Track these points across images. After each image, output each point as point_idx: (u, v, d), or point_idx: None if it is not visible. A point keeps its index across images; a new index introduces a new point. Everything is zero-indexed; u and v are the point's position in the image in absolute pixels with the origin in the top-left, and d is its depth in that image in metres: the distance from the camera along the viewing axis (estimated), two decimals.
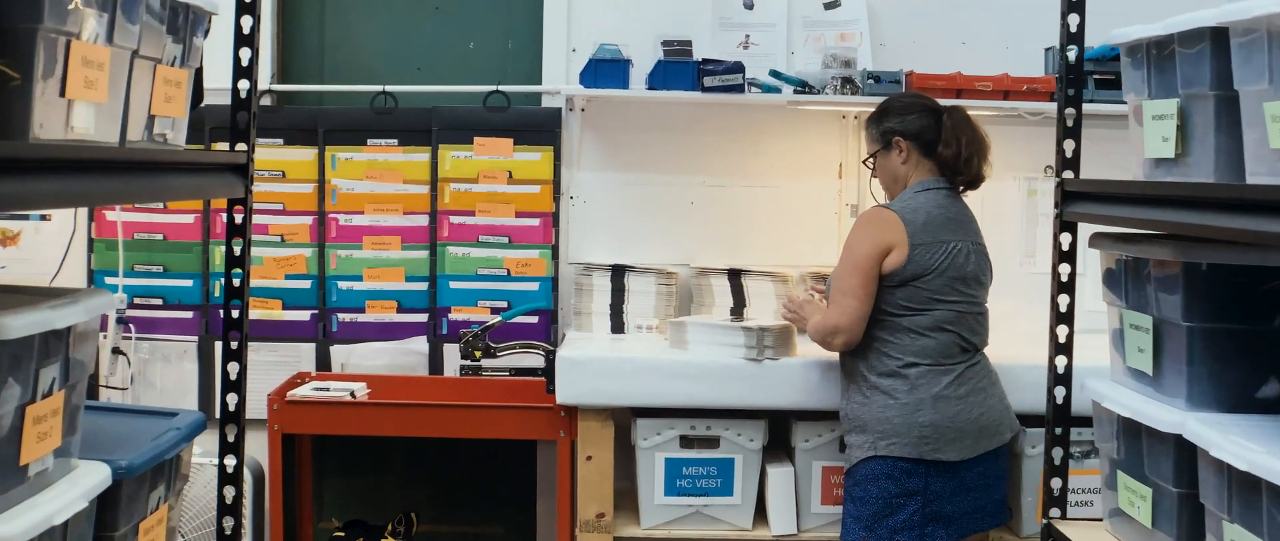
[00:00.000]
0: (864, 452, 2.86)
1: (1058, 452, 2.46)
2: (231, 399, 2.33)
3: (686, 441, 3.19)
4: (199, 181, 2.15)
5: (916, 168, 2.92)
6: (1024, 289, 3.63)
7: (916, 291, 2.82)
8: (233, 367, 2.33)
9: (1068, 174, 2.44)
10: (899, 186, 2.94)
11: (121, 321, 3.66)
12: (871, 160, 2.98)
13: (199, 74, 2.08)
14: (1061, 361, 2.46)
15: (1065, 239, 2.43)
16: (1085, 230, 2.39)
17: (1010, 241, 3.78)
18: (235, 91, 2.31)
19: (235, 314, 2.33)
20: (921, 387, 2.82)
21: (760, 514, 3.27)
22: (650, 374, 3.14)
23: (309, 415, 3.36)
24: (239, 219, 2.30)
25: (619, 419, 3.23)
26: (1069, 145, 2.43)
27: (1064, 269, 2.44)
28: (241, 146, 2.28)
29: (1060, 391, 2.45)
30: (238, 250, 2.31)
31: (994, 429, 2.87)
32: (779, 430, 3.33)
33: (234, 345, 2.33)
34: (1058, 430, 2.46)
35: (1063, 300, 2.45)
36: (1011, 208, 3.85)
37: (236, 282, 2.32)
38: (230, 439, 2.32)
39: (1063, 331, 2.45)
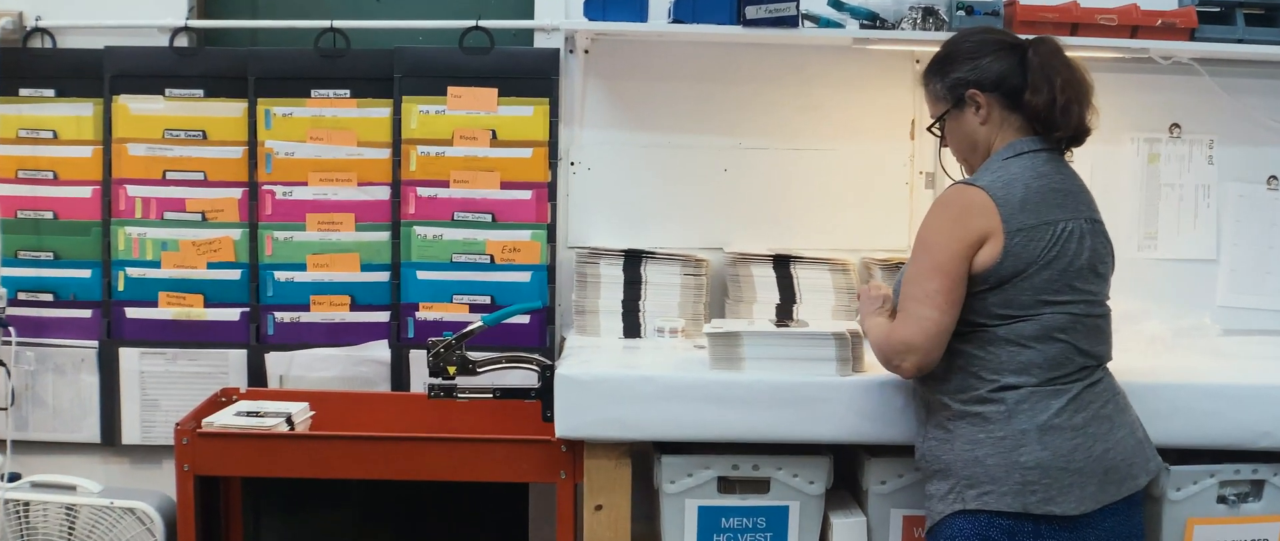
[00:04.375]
0: (948, 506, 2.55)
1: None
2: None
3: (726, 484, 2.91)
4: None
5: (1001, 127, 2.62)
6: (1145, 281, 3.55)
7: (1017, 292, 2.51)
8: None
9: None
10: (980, 155, 2.66)
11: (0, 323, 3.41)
12: (939, 124, 2.69)
13: None
14: None
15: None
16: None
17: (1126, 220, 3.58)
18: None
19: None
20: (1023, 416, 2.49)
21: None
22: (678, 397, 2.82)
23: (228, 452, 2.95)
24: None
25: (638, 455, 2.95)
26: None
27: None
28: None
29: None
30: None
31: (1124, 469, 2.54)
32: (846, 468, 3.05)
33: None
34: None
35: None
36: (1128, 176, 3.61)
37: None
38: None
39: None
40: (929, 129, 2.73)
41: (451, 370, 3.01)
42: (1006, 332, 2.53)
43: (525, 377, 3.13)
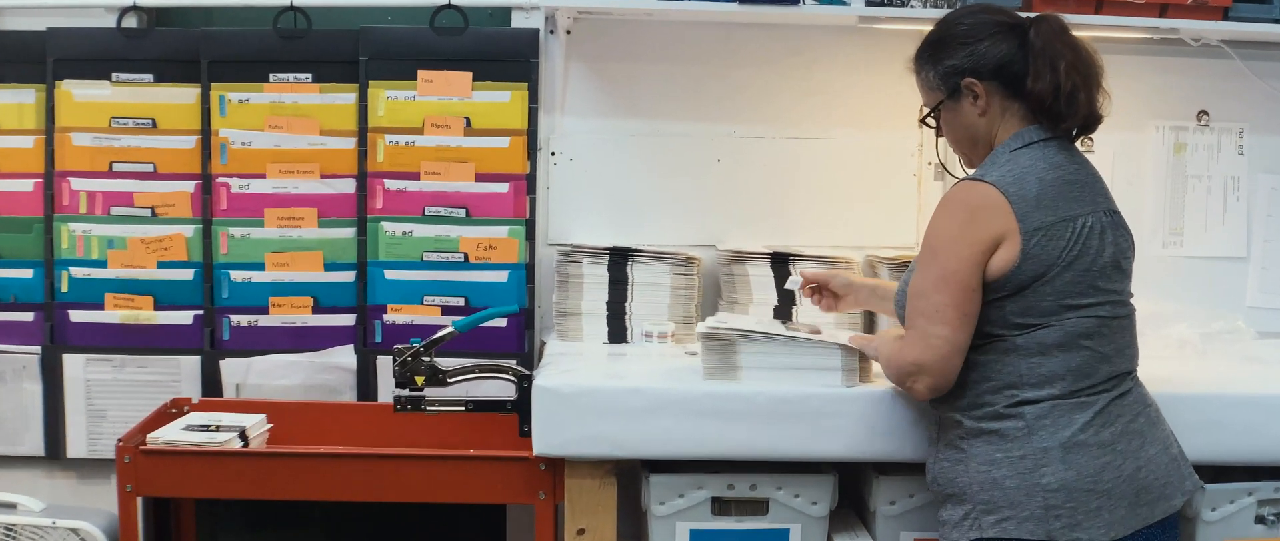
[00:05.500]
0: (963, 535, 2.51)
1: None
2: None
3: (721, 505, 2.87)
4: None
5: (1004, 117, 2.56)
6: (1170, 280, 3.55)
7: (1037, 298, 2.46)
8: None
9: None
10: (982, 148, 2.60)
11: None
12: (934, 116, 2.64)
13: None
14: None
15: None
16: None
17: (1150, 214, 3.58)
18: None
19: None
20: (1044, 432, 2.45)
21: None
22: (669, 410, 2.76)
23: (175, 471, 2.84)
24: None
25: (624, 474, 2.92)
26: None
27: None
28: None
29: None
30: None
31: (1157, 490, 2.49)
32: (852, 488, 3.01)
33: None
34: None
35: None
36: (1151, 167, 3.59)
37: None
38: None
39: None
40: (922, 121, 2.67)
41: (420, 380, 2.96)
42: (1026, 342, 2.48)
43: (502, 387, 3.06)
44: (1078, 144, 2.61)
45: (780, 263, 3.34)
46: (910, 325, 2.52)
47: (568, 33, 3.48)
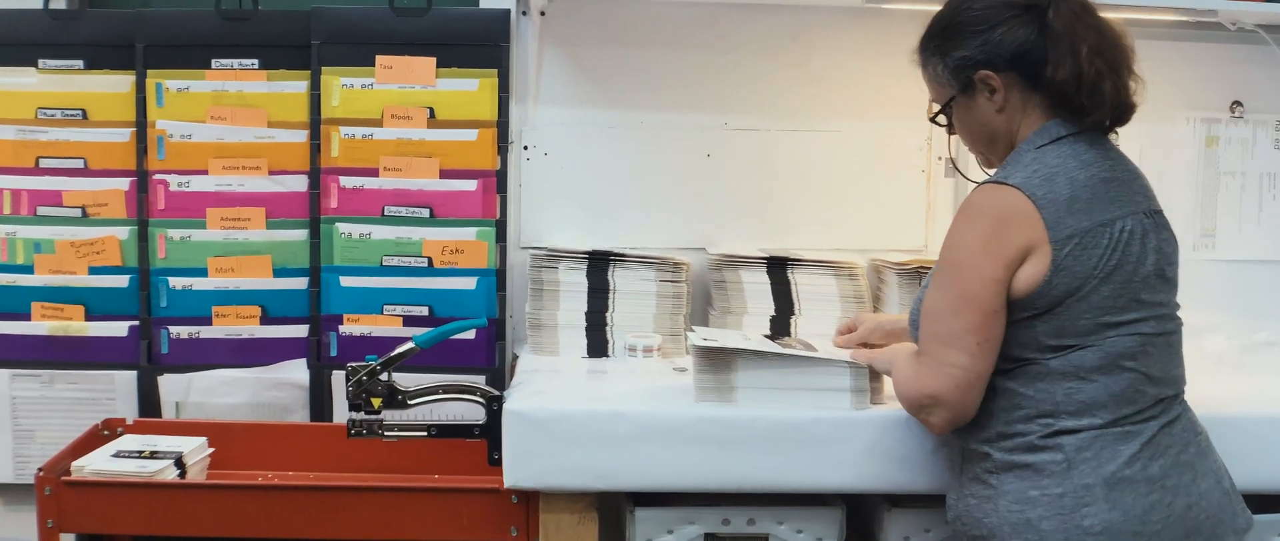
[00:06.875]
0: None
1: None
2: None
3: None
4: None
5: (1025, 111, 2.47)
6: (1201, 286, 3.40)
7: (1072, 316, 2.36)
8: None
9: None
10: (1002, 146, 2.51)
11: None
12: (944, 113, 2.56)
13: None
14: None
15: None
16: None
17: (1179, 214, 3.44)
18: None
19: None
20: (1086, 466, 2.34)
21: None
22: (657, 437, 2.67)
23: (101, 505, 2.72)
24: None
25: (606, 507, 2.82)
26: None
27: None
28: None
29: None
30: None
31: (1209, 530, 2.40)
32: (862, 522, 2.93)
33: None
34: None
35: None
36: (1181, 162, 3.56)
37: None
38: None
39: None
40: (933, 119, 2.59)
41: (376, 402, 2.86)
42: (1061, 365, 2.38)
43: (469, 407, 2.97)
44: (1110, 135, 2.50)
45: (777, 268, 3.30)
46: (925, 350, 2.43)
47: (542, 14, 3.43)
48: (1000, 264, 2.34)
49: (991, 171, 2.49)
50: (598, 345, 3.24)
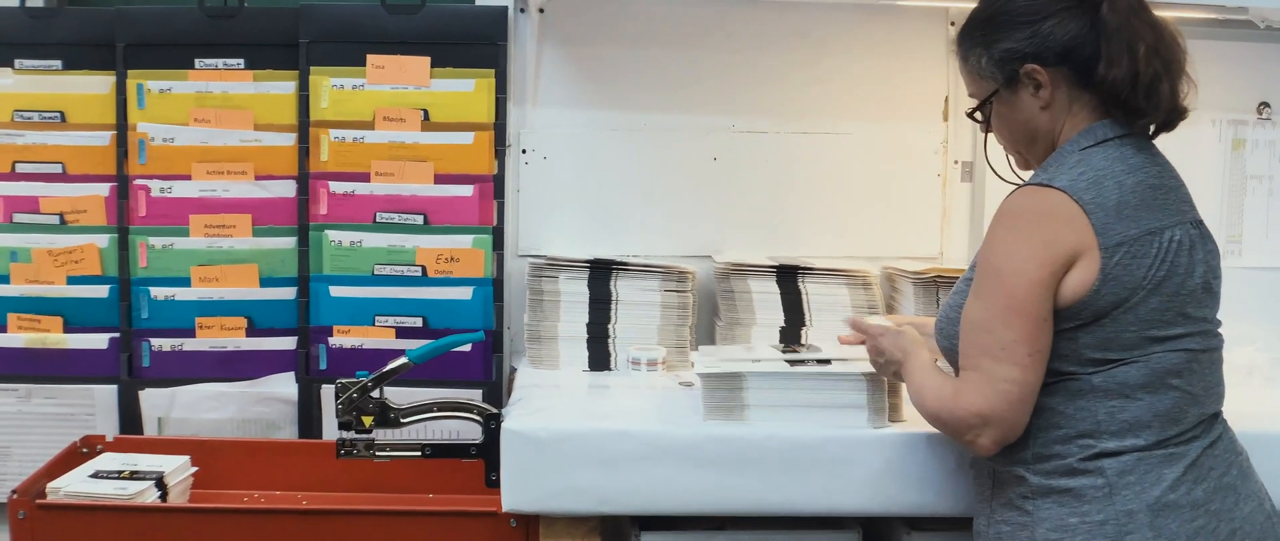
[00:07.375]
0: None
1: None
2: None
3: None
4: None
5: (1069, 110, 2.41)
6: (1227, 294, 3.30)
7: (1118, 328, 2.29)
8: None
9: None
10: (1042, 147, 2.45)
11: None
12: (984, 110, 2.50)
13: None
14: None
15: None
16: None
17: (1205, 219, 3.36)
18: None
19: None
20: (1129, 491, 2.28)
21: None
22: (663, 457, 2.63)
23: (78, 529, 2.69)
24: None
25: (609, 531, 2.79)
26: None
27: None
28: None
29: None
30: None
31: None
32: None
33: None
34: None
35: None
36: (1207, 166, 3.51)
37: None
38: None
39: None
40: (971, 115, 2.51)
41: (367, 421, 2.82)
42: (1104, 381, 2.30)
43: (465, 425, 2.92)
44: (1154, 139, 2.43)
45: (787, 277, 3.27)
46: (971, 365, 2.34)
47: (541, 11, 3.40)
48: (1047, 270, 2.29)
49: (1027, 174, 2.44)
50: (599, 358, 3.22)
